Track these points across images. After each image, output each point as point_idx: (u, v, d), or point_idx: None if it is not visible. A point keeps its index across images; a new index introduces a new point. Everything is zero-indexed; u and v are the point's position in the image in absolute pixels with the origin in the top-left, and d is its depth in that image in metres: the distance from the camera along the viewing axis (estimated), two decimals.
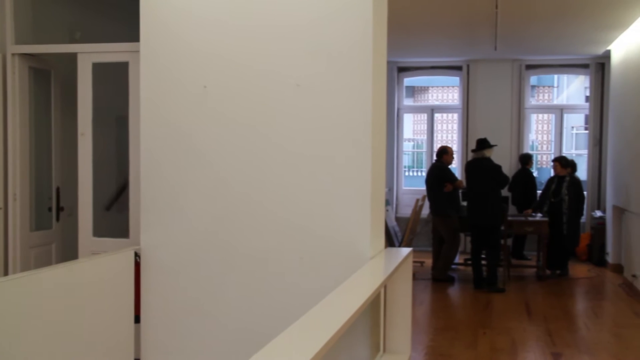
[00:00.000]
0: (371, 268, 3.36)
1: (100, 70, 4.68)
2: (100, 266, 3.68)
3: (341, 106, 3.58)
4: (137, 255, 3.95)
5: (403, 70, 11.43)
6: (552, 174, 9.27)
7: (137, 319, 3.96)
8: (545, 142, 23.65)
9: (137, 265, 3.95)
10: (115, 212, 5.71)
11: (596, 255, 9.78)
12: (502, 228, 8.25)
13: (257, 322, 3.70)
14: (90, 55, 4.61)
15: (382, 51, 3.81)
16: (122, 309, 3.83)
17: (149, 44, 3.93)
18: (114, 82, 4.76)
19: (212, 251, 3.82)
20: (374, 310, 3.61)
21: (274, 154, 3.70)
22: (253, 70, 3.73)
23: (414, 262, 9.28)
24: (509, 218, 8.60)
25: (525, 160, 10.15)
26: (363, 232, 3.55)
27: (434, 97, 27.17)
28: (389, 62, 10.86)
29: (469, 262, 9.11)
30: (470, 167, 8.23)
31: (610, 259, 9.31)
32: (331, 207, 3.61)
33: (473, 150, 8.32)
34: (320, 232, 3.63)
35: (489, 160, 8.10)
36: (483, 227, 8.02)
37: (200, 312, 3.85)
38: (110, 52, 4.67)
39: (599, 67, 10.57)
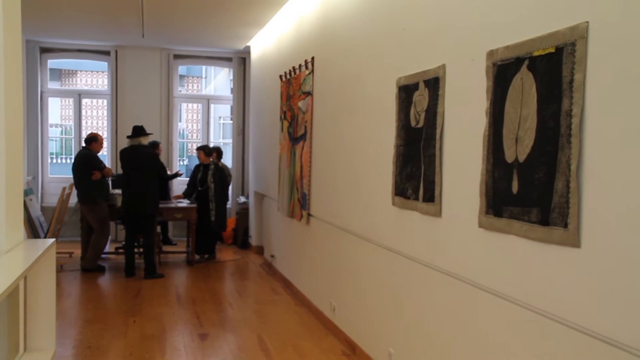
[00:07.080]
0: (5, 262, 3.10)
1: None
2: None
3: None
4: None
5: (47, 51, 10.72)
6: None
7: None
8: (195, 131, 24.49)
9: None
10: None
11: (241, 239, 10.46)
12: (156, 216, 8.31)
13: None
14: None
15: (16, 27, 3.51)
16: None
17: None
18: None
19: None
20: (11, 308, 3.34)
21: None
22: None
23: (62, 252, 8.97)
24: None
25: (156, 146, 9.74)
26: None
27: (82, 82, 26.14)
28: (29, 42, 10.17)
29: (120, 250, 9.01)
30: (126, 154, 8.07)
31: (253, 241, 10.02)
32: None
33: (129, 137, 8.19)
34: None
35: (145, 147, 8.08)
36: (140, 215, 7.99)
37: None
38: None
39: (241, 61, 11.25)
